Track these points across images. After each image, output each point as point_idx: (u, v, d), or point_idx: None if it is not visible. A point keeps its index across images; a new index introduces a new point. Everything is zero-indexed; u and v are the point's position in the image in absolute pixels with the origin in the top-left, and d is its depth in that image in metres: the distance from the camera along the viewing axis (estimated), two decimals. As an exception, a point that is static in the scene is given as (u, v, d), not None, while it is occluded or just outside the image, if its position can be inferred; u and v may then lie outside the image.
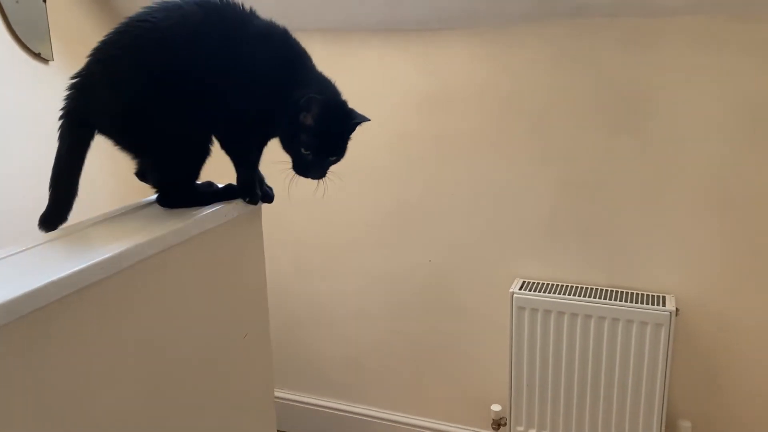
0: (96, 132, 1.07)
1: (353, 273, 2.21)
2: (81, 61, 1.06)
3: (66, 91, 1.06)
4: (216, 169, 1.15)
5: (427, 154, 2.01)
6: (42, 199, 1.05)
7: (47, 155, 1.06)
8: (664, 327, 1.73)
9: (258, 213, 1.25)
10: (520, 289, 1.90)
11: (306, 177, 1.11)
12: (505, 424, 2.06)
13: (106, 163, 1.77)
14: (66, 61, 1.89)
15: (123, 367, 0.93)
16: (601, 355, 1.81)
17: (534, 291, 1.88)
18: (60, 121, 1.06)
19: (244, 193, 1.17)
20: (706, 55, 1.67)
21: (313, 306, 2.29)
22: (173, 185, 1.13)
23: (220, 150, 1.14)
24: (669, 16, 1.67)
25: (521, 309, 1.87)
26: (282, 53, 1.10)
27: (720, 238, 1.77)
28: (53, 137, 1.06)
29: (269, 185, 1.23)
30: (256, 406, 1.32)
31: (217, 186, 1.19)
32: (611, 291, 1.85)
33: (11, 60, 1.77)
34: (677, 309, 1.76)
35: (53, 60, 1.87)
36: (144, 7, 1.06)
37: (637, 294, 1.83)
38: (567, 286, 1.90)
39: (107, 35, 1.06)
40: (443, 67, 1.93)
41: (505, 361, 1.94)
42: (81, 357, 0.86)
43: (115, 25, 1.06)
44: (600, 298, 1.82)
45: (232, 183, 1.17)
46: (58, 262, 0.88)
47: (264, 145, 1.16)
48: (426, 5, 1.83)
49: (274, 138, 1.13)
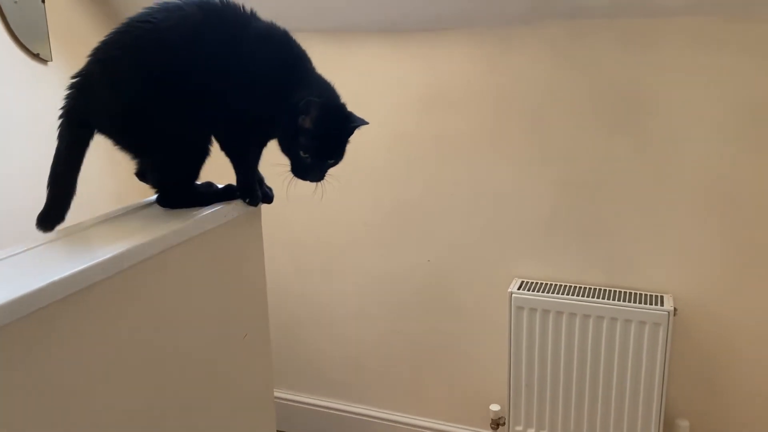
0: (96, 132, 1.07)
1: (353, 273, 2.21)
2: (80, 62, 1.06)
3: (66, 91, 1.06)
4: (216, 169, 1.15)
5: (427, 154, 2.01)
6: (42, 200, 1.05)
7: (47, 155, 1.06)
8: (662, 326, 1.73)
9: (258, 213, 1.25)
10: (518, 289, 1.90)
11: (305, 180, 1.11)
12: (504, 423, 2.06)
13: (105, 164, 1.78)
14: (65, 62, 1.89)
15: (123, 368, 0.93)
16: (600, 355, 1.82)
17: (533, 291, 1.88)
18: (59, 121, 1.06)
19: (243, 194, 1.17)
20: (705, 56, 1.68)
21: (313, 306, 2.29)
22: (173, 185, 1.13)
23: (220, 150, 1.14)
24: (668, 16, 1.67)
25: (520, 309, 1.87)
26: (282, 55, 1.10)
27: (718, 238, 1.77)
28: (53, 137, 1.06)
29: (269, 186, 1.23)
30: (255, 406, 1.32)
31: (217, 186, 1.19)
32: (609, 291, 1.85)
33: (10, 60, 1.77)
34: (675, 309, 1.77)
35: (52, 60, 1.87)
36: (144, 8, 1.06)
37: (636, 294, 1.83)
38: (565, 285, 1.90)
39: (107, 35, 1.06)
40: (442, 68, 1.93)
41: (504, 361, 1.94)
42: (82, 357, 0.86)
43: (115, 26, 1.06)
44: (598, 297, 1.82)
45: (231, 183, 1.18)
46: (58, 262, 0.88)
47: (263, 146, 1.16)
48: (425, 6, 1.83)
49: (273, 139, 1.13)
